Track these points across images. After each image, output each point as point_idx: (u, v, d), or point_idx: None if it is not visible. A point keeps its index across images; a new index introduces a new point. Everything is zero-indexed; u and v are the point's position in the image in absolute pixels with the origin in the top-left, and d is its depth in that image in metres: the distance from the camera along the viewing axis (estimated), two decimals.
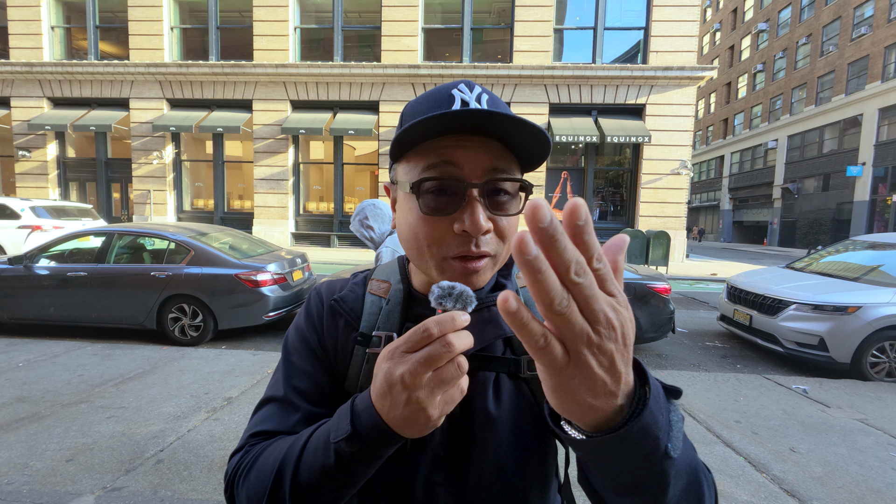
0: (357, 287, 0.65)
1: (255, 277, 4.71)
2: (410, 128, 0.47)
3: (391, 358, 0.40)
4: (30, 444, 2.51)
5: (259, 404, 0.61)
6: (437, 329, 0.38)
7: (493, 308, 0.58)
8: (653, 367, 4.56)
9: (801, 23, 25.21)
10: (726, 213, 32.18)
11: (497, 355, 0.58)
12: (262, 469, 0.50)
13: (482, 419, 0.56)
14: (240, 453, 0.56)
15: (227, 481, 0.55)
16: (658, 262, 10.25)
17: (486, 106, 0.52)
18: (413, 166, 0.52)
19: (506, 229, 0.53)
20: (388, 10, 12.81)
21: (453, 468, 0.56)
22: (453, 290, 0.42)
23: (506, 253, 0.55)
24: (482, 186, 0.50)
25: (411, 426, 0.40)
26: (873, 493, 2.31)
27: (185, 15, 14.14)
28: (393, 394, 0.39)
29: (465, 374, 0.39)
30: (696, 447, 2.71)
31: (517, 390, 0.58)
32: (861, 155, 20.56)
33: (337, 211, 13.61)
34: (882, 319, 4.09)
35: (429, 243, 0.52)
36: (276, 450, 0.51)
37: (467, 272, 0.51)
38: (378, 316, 0.61)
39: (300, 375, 0.60)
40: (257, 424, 0.58)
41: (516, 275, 0.66)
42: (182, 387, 3.38)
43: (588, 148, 12.86)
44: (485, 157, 0.50)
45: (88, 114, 13.22)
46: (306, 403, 0.58)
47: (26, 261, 4.83)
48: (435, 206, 0.50)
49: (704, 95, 35.39)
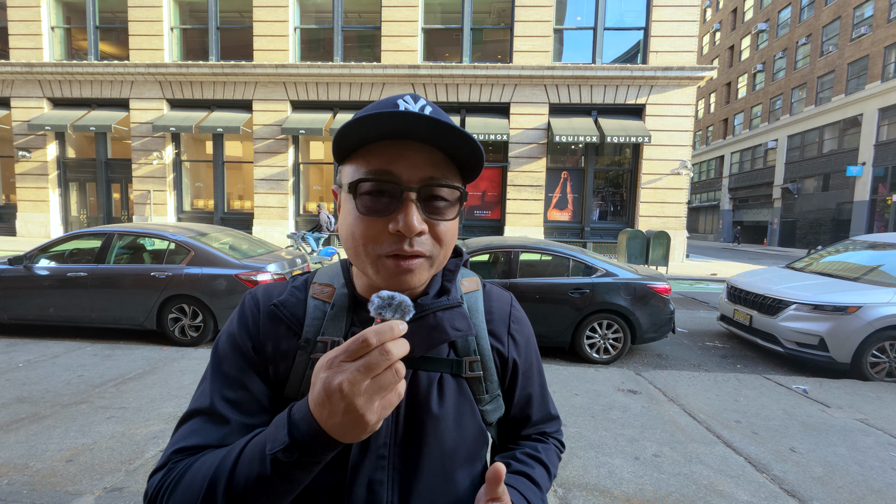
0: (298, 291, 0.64)
1: (255, 278, 4.70)
2: (349, 128, 0.50)
3: (329, 367, 0.41)
4: (30, 444, 2.51)
5: (183, 418, 0.57)
6: (377, 339, 0.39)
7: (438, 314, 0.59)
8: (653, 367, 4.56)
9: (800, 23, 25.22)
10: (726, 213, 32.18)
11: (442, 357, 0.61)
12: (191, 485, 0.48)
13: (427, 417, 0.58)
14: (162, 471, 0.52)
15: (147, 501, 0.51)
16: (658, 262, 10.25)
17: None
18: (355, 169, 0.54)
19: (442, 233, 0.55)
20: (388, 11, 12.81)
21: (397, 466, 0.57)
22: (392, 300, 0.44)
23: (443, 256, 0.57)
24: (418, 191, 0.52)
25: (350, 432, 0.41)
26: (874, 493, 2.31)
27: (185, 15, 14.14)
28: (332, 402, 0.40)
29: (403, 378, 0.41)
30: (697, 447, 2.72)
31: (459, 389, 0.61)
32: (861, 155, 20.57)
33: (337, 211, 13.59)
34: (882, 319, 4.09)
35: (364, 242, 0.53)
36: (206, 464, 0.49)
37: (400, 270, 0.52)
38: (322, 321, 0.60)
39: (231, 385, 0.57)
40: (182, 440, 0.54)
41: (461, 280, 0.68)
42: (182, 387, 3.38)
43: (588, 148, 12.86)
44: (423, 163, 0.52)
45: (88, 114, 13.22)
46: (237, 414, 0.56)
47: (26, 261, 4.83)
48: (372, 207, 0.52)
49: (704, 95, 35.40)
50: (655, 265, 10.30)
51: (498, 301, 0.71)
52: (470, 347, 0.63)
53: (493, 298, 0.70)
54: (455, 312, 0.60)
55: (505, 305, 0.71)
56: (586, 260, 4.76)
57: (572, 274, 4.73)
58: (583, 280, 4.65)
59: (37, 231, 13.76)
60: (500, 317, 0.69)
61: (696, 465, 2.53)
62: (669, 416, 3.12)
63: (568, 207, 13.22)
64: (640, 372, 4.10)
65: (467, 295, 0.67)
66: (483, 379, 0.64)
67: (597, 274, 4.68)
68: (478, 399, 0.63)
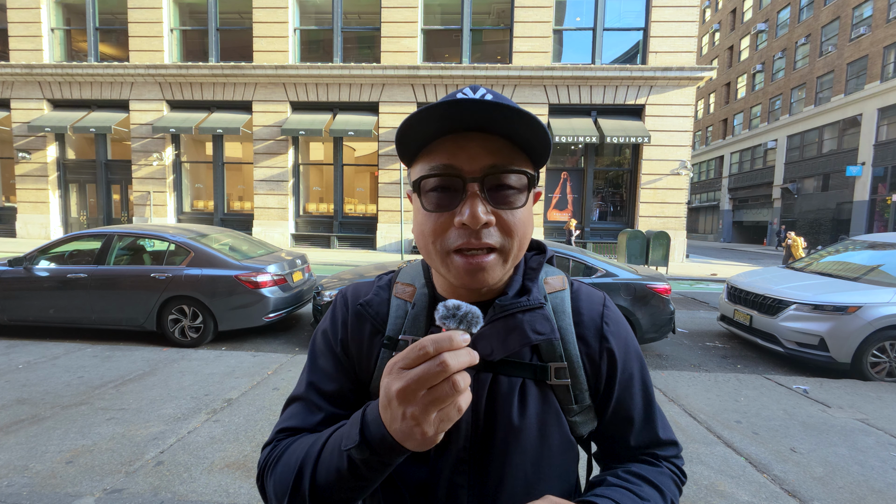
0: (382, 291, 0.65)
1: (255, 279, 4.70)
2: (405, 128, 0.49)
3: (390, 373, 0.41)
4: (30, 445, 2.51)
5: (287, 401, 0.64)
6: (434, 348, 0.38)
7: (518, 315, 0.56)
8: (653, 367, 4.55)
9: (800, 23, 25.24)
10: (726, 213, 32.18)
11: (524, 361, 0.58)
12: (287, 465, 0.53)
13: (505, 428, 0.55)
14: (269, 446, 0.59)
15: (259, 470, 0.58)
16: (658, 262, 10.25)
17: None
18: (420, 169, 0.54)
19: (511, 223, 0.52)
20: (388, 12, 12.82)
21: (476, 472, 0.56)
22: (458, 310, 0.42)
23: (518, 249, 0.54)
24: (481, 181, 0.50)
25: (410, 441, 0.41)
26: (874, 493, 2.30)
27: (185, 16, 14.15)
28: (391, 408, 0.40)
29: (464, 392, 0.39)
30: (697, 447, 2.71)
31: (543, 398, 0.57)
32: (860, 155, 20.56)
33: (337, 212, 13.61)
34: (882, 319, 4.09)
35: (433, 239, 0.52)
36: (299, 448, 0.53)
37: (471, 268, 0.51)
38: (404, 320, 0.61)
39: (323, 378, 0.62)
40: (285, 420, 0.61)
41: (545, 279, 0.64)
42: (182, 388, 3.38)
43: (588, 148, 12.87)
44: (484, 152, 0.51)
45: (88, 115, 13.23)
46: (328, 405, 0.60)
47: (26, 262, 4.83)
48: (437, 203, 0.52)
49: (704, 96, 35.41)
50: (655, 265, 10.29)
51: (588, 301, 0.64)
52: (556, 352, 0.59)
53: (583, 298, 0.64)
54: (536, 314, 0.57)
55: (596, 306, 0.64)
56: (586, 260, 4.76)
57: (572, 274, 4.73)
58: (583, 280, 4.64)
59: (37, 232, 13.77)
60: (590, 319, 0.62)
61: (696, 465, 2.53)
62: (670, 417, 3.11)
63: (568, 208, 13.22)
64: None
65: (552, 295, 0.63)
66: (571, 387, 0.59)
67: (597, 274, 4.68)
68: (566, 409, 0.59)
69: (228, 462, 2.41)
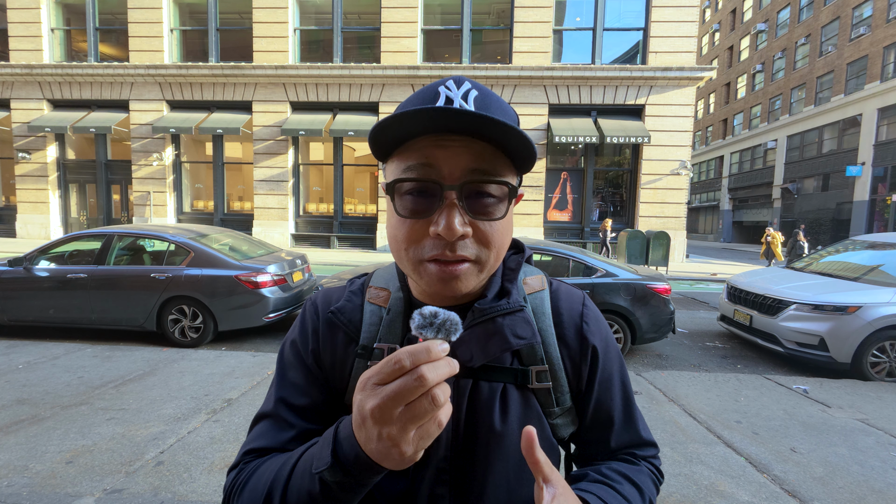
0: (354, 296, 0.62)
1: (255, 279, 4.70)
2: (382, 126, 0.45)
3: (363, 389, 0.38)
4: (30, 446, 2.51)
5: (254, 419, 0.60)
6: (410, 361, 0.35)
7: (497, 319, 0.54)
8: (653, 367, 4.56)
9: (799, 23, 25.24)
10: (726, 213, 32.17)
11: (505, 366, 0.56)
12: (254, 491, 0.49)
13: (486, 434, 0.54)
14: (235, 470, 0.55)
15: (224, 496, 0.55)
16: (658, 262, 10.25)
17: (471, 104, 0.48)
18: (395, 167, 0.50)
19: (489, 234, 0.49)
20: (388, 12, 12.83)
21: (457, 482, 0.54)
22: (436, 318, 0.39)
23: (494, 260, 0.52)
24: (459, 189, 0.47)
25: (387, 461, 0.38)
26: (874, 493, 2.30)
27: (185, 16, 14.15)
28: (366, 427, 0.37)
29: (444, 406, 0.36)
30: (697, 447, 2.71)
31: (525, 401, 0.56)
32: (860, 155, 20.56)
33: (337, 212, 13.61)
34: (882, 319, 4.09)
35: (406, 245, 0.50)
36: (268, 471, 0.50)
37: (445, 276, 0.48)
38: (379, 327, 0.58)
39: (294, 392, 0.58)
40: (252, 441, 0.57)
41: (524, 279, 0.62)
42: (182, 388, 3.38)
43: (587, 148, 12.87)
44: (466, 157, 0.47)
45: (88, 115, 13.23)
46: (300, 420, 0.57)
47: (26, 263, 4.83)
48: (412, 209, 0.48)
49: (704, 96, 35.41)
50: (655, 265, 10.30)
51: (567, 301, 0.62)
52: (536, 355, 0.57)
53: (562, 298, 0.62)
54: (517, 318, 0.55)
55: (576, 305, 0.62)
56: (586, 260, 4.76)
57: (572, 274, 4.73)
58: (583, 280, 4.65)
59: (37, 233, 13.77)
60: (569, 318, 0.61)
61: (696, 465, 2.53)
62: (670, 417, 3.11)
63: (568, 208, 13.22)
64: (641, 372, 4.10)
65: (531, 296, 0.61)
66: (552, 390, 0.58)
67: (597, 274, 4.68)
68: (547, 412, 0.57)
69: (228, 462, 2.41)
